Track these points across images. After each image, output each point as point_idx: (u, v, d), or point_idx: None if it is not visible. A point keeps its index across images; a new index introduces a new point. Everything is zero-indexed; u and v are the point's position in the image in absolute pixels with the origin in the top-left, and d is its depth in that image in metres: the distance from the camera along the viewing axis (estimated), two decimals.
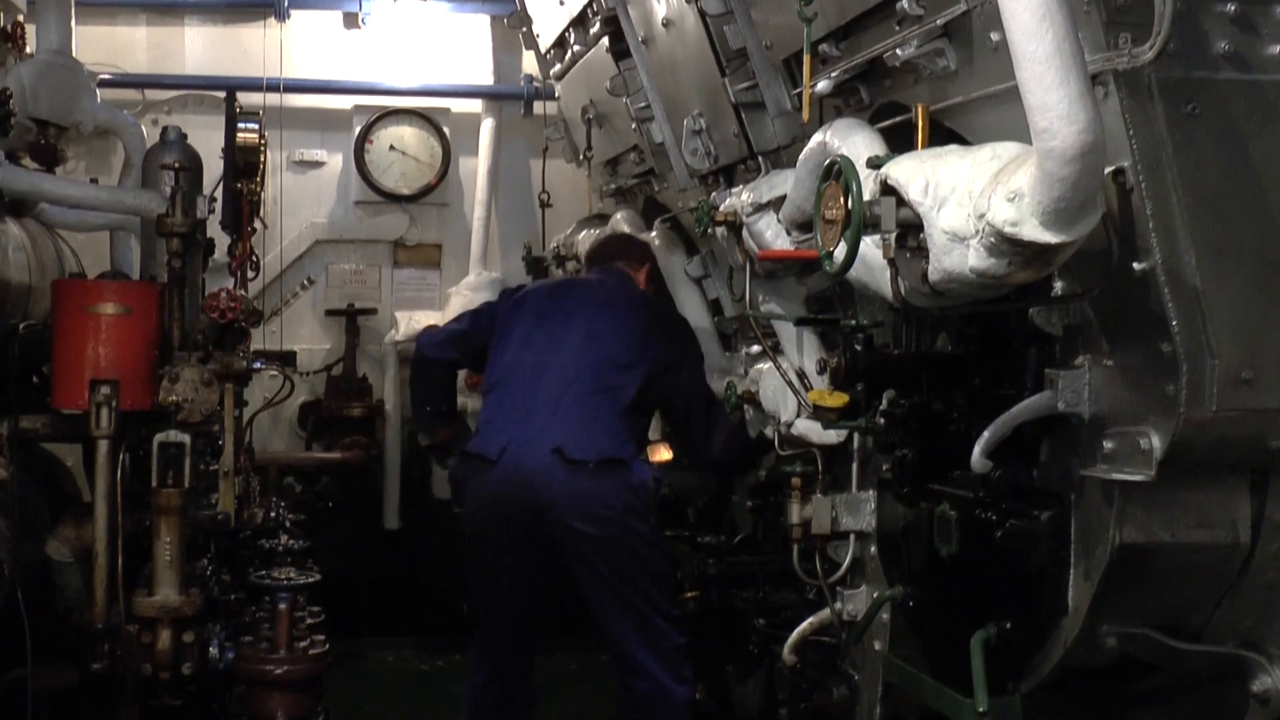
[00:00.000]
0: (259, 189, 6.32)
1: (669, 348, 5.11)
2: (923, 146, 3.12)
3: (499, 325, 5.26)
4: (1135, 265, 2.84)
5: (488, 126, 8.30)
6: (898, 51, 3.38)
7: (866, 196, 2.94)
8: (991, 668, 3.32)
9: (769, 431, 4.86)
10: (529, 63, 7.92)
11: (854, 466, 4.42)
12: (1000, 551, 3.33)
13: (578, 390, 4.91)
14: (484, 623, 5.07)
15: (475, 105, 8.34)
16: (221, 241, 5.94)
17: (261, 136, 6.13)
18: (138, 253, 5.80)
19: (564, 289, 5.44)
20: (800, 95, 3.93)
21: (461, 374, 5.87)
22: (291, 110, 7.97)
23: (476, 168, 8.30)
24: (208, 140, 5.67)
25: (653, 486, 4.88)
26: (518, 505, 4.78)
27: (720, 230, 4.62)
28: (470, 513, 4.96)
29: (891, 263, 2.99)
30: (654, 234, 5.75)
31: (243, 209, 5.93)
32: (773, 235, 4.29)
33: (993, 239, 2.70)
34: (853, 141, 3.49)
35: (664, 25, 4.96)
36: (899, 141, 3.36)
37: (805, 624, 4.52)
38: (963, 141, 3.15)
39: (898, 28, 3.42)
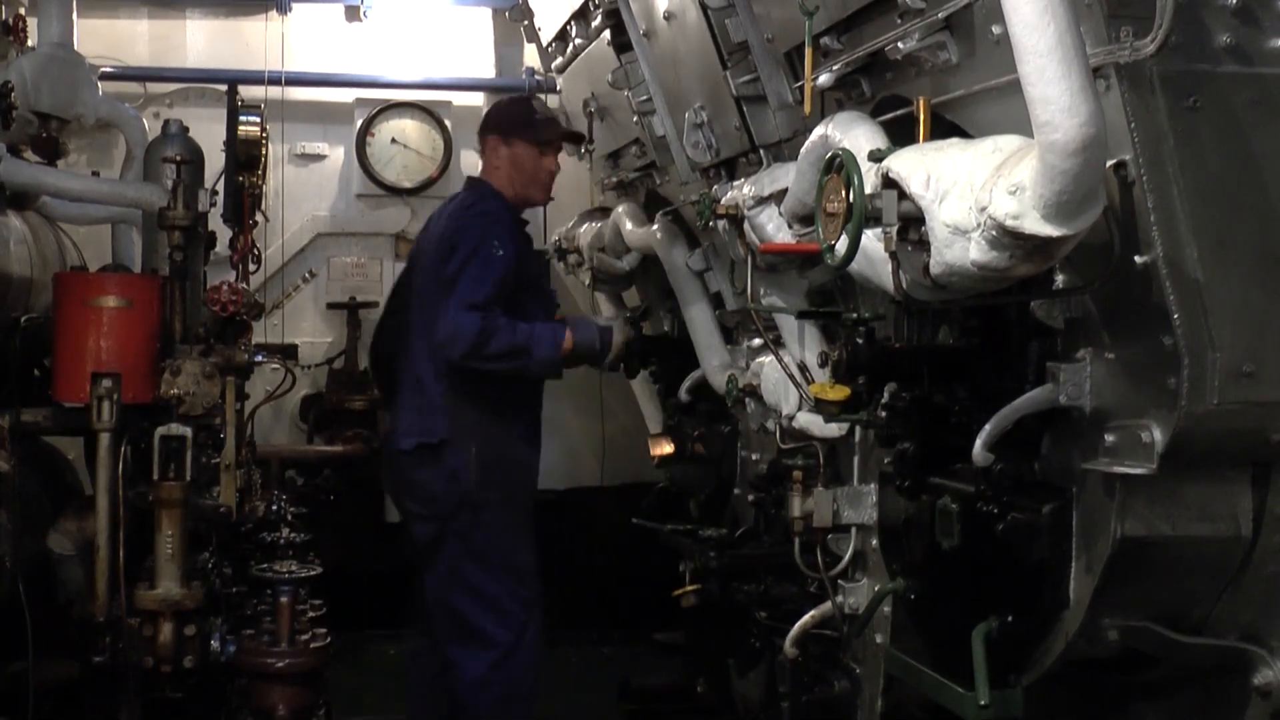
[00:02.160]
0: (260, 182, 6.32)
1: (442, 258, 5.07)
2: (924, 140, 3.11)
3: None
4: (1137, 258, 2.84)
5: None
6: (899, 45, 3.38)
7: (868, 190, 2.94)
8: (993, 660, 3.32)
9: (771, 424, 4.85)
10: (530, 56, 7.88)
11: (855, 460, 4.42)
12: (1002, 545, 3.33)
13: (414, 370, 5.17)
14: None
15: (477, 98, 8.30)
16: (223, 235, 5.93)
17: (263, 129, 6.12)
18: (139, 246, 5.80)
19: (420, 244, 5.52)
20: (802, 88, 3.92)
21: None
22: (293, 103, 7.95)
23: (478, 161, 8.27)
24: (209, 133, 5.65)
25: (475, 465, 5.03)
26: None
27: (722, 223, 4.61)
28: None
29: (893, 256, 2.99)
30: (655, 227, 5.74)
31: (244, 202, 5.93)
32: (774, 228, 4.28)
33: (994, 232, 2.70)
34: (854, 135, 3.48)
35: (665, 18, 4.95)
36: (900, 135, 3.36)
37: (807, 617, 4.51)
38: (964, 135, 3.15)
39: (899, 21, 3.42)
